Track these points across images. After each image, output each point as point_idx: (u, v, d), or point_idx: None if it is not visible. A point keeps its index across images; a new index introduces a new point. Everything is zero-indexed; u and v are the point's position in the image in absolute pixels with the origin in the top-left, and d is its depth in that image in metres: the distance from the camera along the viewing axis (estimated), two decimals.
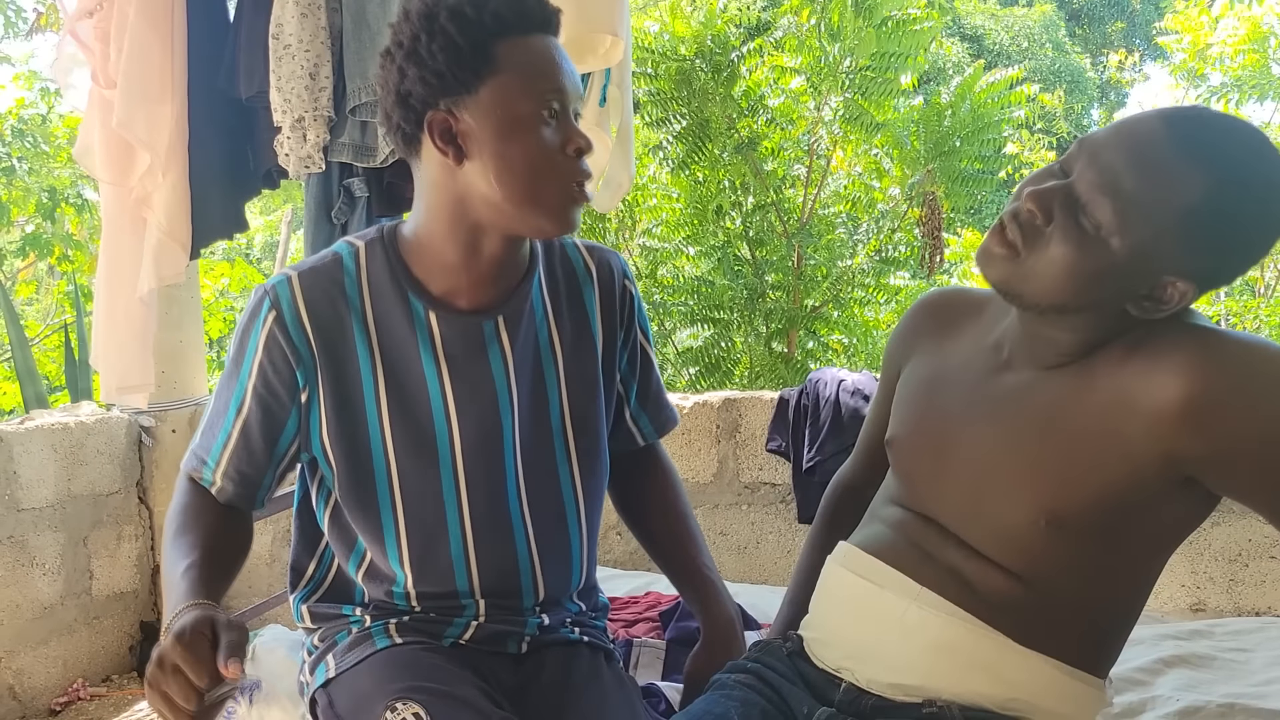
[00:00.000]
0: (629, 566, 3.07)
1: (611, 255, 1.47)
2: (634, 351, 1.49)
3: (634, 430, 1.54)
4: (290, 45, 2.53)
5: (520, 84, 1.20)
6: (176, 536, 1.28)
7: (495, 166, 1.20)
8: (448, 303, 1.30)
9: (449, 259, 1.29)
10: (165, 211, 2.70)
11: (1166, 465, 1.11)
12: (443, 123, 1.21)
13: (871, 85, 5.00)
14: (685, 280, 5.49)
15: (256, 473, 1.33)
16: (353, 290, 1.30)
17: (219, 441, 1.32)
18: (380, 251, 1.32)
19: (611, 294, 1.44)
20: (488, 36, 1.19)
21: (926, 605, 1.21)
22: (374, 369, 1.29)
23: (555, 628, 1.42)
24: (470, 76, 1.19)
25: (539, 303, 1.37)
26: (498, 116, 1.20)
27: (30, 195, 6.34)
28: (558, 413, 1.37)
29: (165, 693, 1.01)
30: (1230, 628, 2.02)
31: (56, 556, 2.94)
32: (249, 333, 1.29)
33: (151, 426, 3.24)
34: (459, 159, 1.22)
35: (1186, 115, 1.10)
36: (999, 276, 1.16)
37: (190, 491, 1.35)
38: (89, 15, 2.65)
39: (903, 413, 1.36)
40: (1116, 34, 18.25)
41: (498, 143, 1.20)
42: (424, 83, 1.20)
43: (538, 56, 1.22)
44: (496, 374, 1.32)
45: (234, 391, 1.30)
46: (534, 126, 1.21)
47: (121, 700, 2.97)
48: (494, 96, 1.20)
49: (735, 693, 1.31)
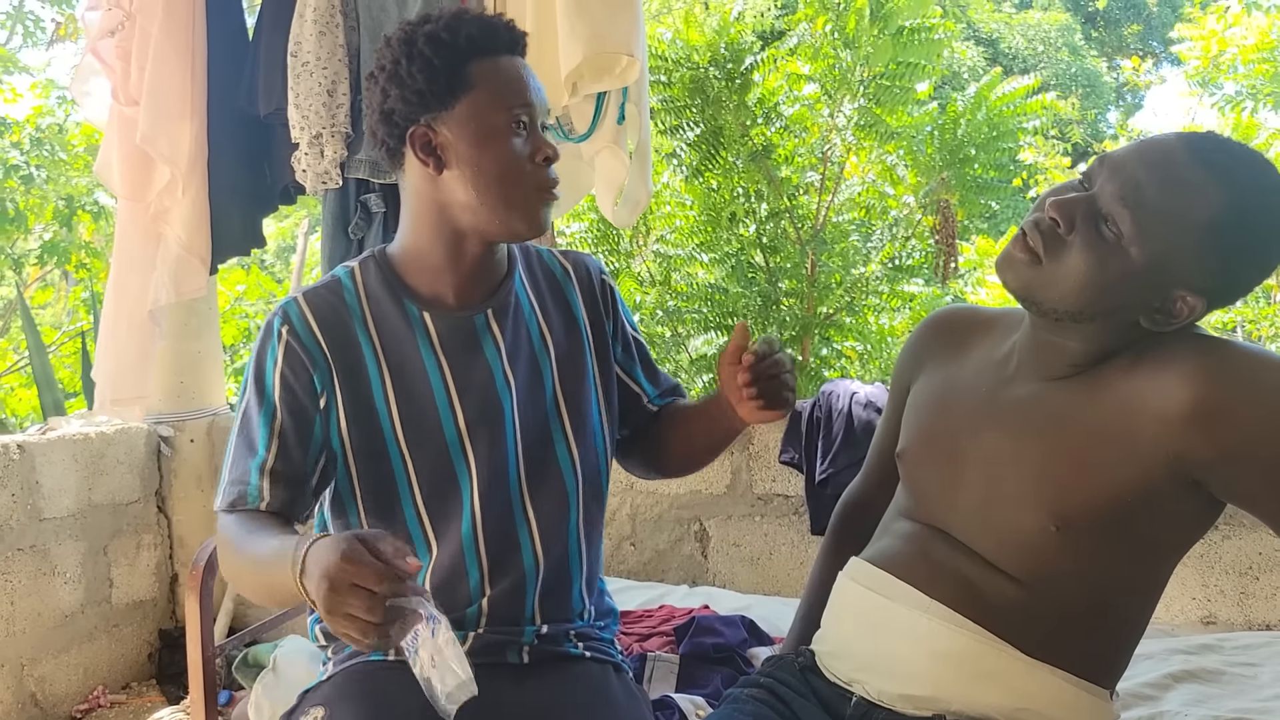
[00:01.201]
0: (642, 577, 3.09)
1: (586, 256, 1.60)
2: (625, 340, 1.58)
3: (645, 404, 1.61)
4: (308, 62, 2.56)
5: (492, 99, 1.33)
6: (247, 537, 1.28)
7: (471, 173, 1.33)
8: (439, 302, 1.42)
9: (435, 262, 1.40)
10: (185, 227, 2.74)
11: (1173, 469, 1.13)
12: (423, 136, 1.34)
13: (886, 93, 5.00)
14: (699, 287, 5.50)
15: (299, 477, 1.36)
16: (353, 301, 1.41)
17: (257, 458, 1.35)
18: (374, 267, 1.44)
19: (591, 289, 1.55)
20: (461, 58, 1.32)
21: (936, 617, 1.23)
22: (380, 368, 1.39)
23: (558, 639, 1.44)
24: (447, 94, 1.32)
25: (524, 299, 1.48)
26: (473, 129, 1.33)
27: (47, 203, 6.41)
28: (551, 395, 1.45)
29: (348, 613, 1.00)
30: (1239, 642, 2.03)
31: (77, 565, 2.97)
32: (265, 352, 1.38)
33: (170, 436, 3.27)
34: (439, 169, 1.34)
35: (1206, 138, 1.15)
36: (1020, 283, 1.19)
37: (238, 515, 1.34)
38: (110, 34, 2.69)
39: (913, 427, 1.38)
40: (1133, 37, 18.18)
41: (473, 151, 1.33)
42: (405, 100, 1.33)
43: (507, 74, 1.35)
44: (492, 361, 1.42)
45: (262, 410, 1.36)
46: (505, 136, 1.33)
47: (141, 707, 3.00)
48: (469, 111, 1.33)
49: (747, 707, 1.33)
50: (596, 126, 2.56)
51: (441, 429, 1.39)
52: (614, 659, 1.50)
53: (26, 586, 2.81)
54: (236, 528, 1.32)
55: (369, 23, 2.58)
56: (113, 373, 2.88)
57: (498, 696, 1.33)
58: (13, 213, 6.19)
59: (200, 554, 1.78)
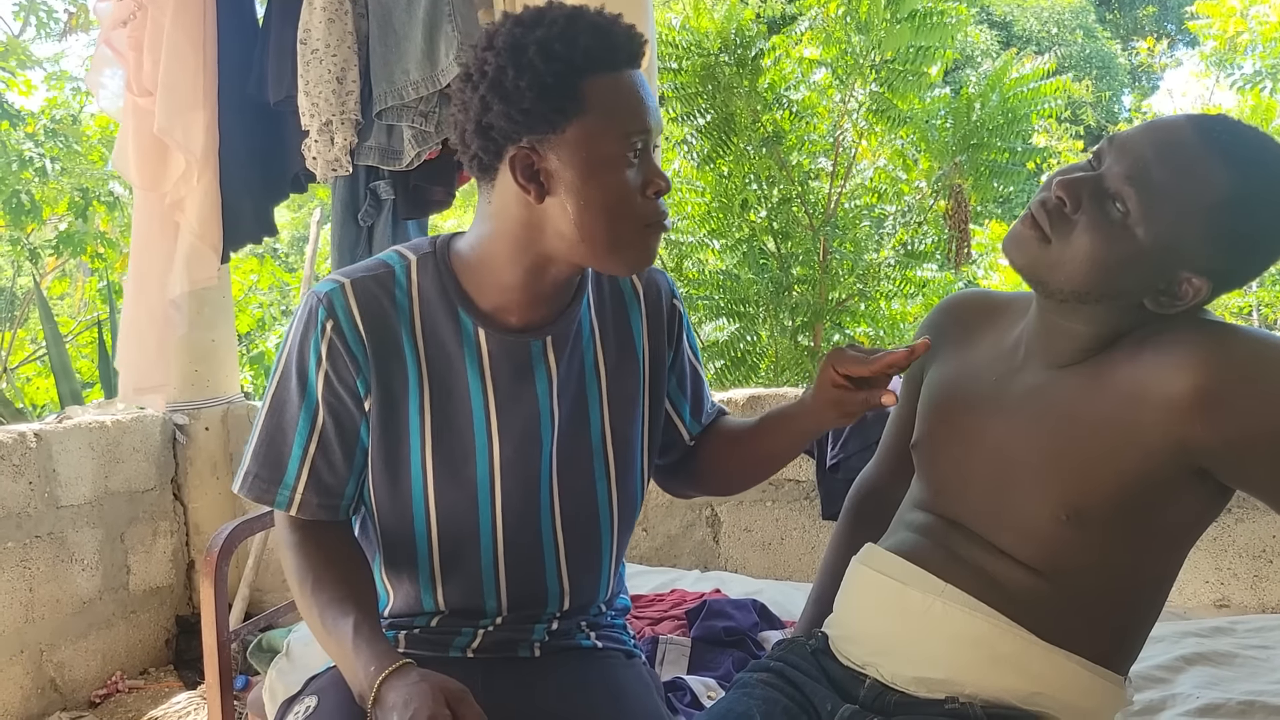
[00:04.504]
0: (654, 563, 3.10)
1: (660, 275, 1.45)
2: (682, 372, 1.48)
3: (684, 440, 1.51)
4: (318, 50, 2.57)
5: (607, 124, 1.17)
6: (317, 587, 1.26)
7: (576, 206, 1.18)
8: (497, 319, 1.29)
9: (507, 280, 1.27)
10: (198, 216, 2.76)
11: (1180, 456, 1.13)
12: (525, 159, 1.19)
13: (898, 78, 4.98)
14: (710, 274, 5.50)
15: (338, 483, 1.30)
16: (403, 299, 1.28)
17: (293, 458, 1.28)
18: (432, 265, 1.30)
19: (659, 314, 1.42)
20: (576, 74, 1.16)
21: (951, 601, 1.23)
22: (420, 382, 1.28)
23: (569, 632, 1.42)
24: (557, 115, 1.16)
25: (586, 323, 1.36)
26: (583, 157, 1.17)
27: (62, 194, 6.44)
28: (598, 433, 1.35)
29: None
30: (1252, 625, 2.02)
31: (95, 552, 3.00)
32: (308, 343, 1.26)
33: (185, 424, 3.30)
34: (540, 197, 1.19)
35: (1216, 120, 1.14)
36: (1026, 262, 1.19)
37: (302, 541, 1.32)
38: (123, 24, 2.70)
39: (927, 418, 1.38)
40: (1147, 19, 18.05)
41: (581, 183, 1.17)
42: (508, 117, 1.17)
43: (625, 94, 1.19)
44: (541, 394, 1.31)
45: (303, 405, 1.27)
46: (618, 167, 1.18)
47: (159, 693, 3.03)
48: (580, 136, 1.17)
49: (758, 691, 1.33)
50: None
51: (474, 460, 1.29)
52: (626, 645, 1.47)
53: (45, 573, 2.84)
54: (301, 559, 1.28)
55: (378, 9, 2.58)
56: (135, 362, 2.90)
57: (507, 693, 1.31)
58: (28, 204, 6.22)
59: (215, 540, 1.79)
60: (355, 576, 1.28)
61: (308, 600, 1.25)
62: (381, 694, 1.10)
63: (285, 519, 1.32)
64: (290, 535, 1.31)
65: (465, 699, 1.08)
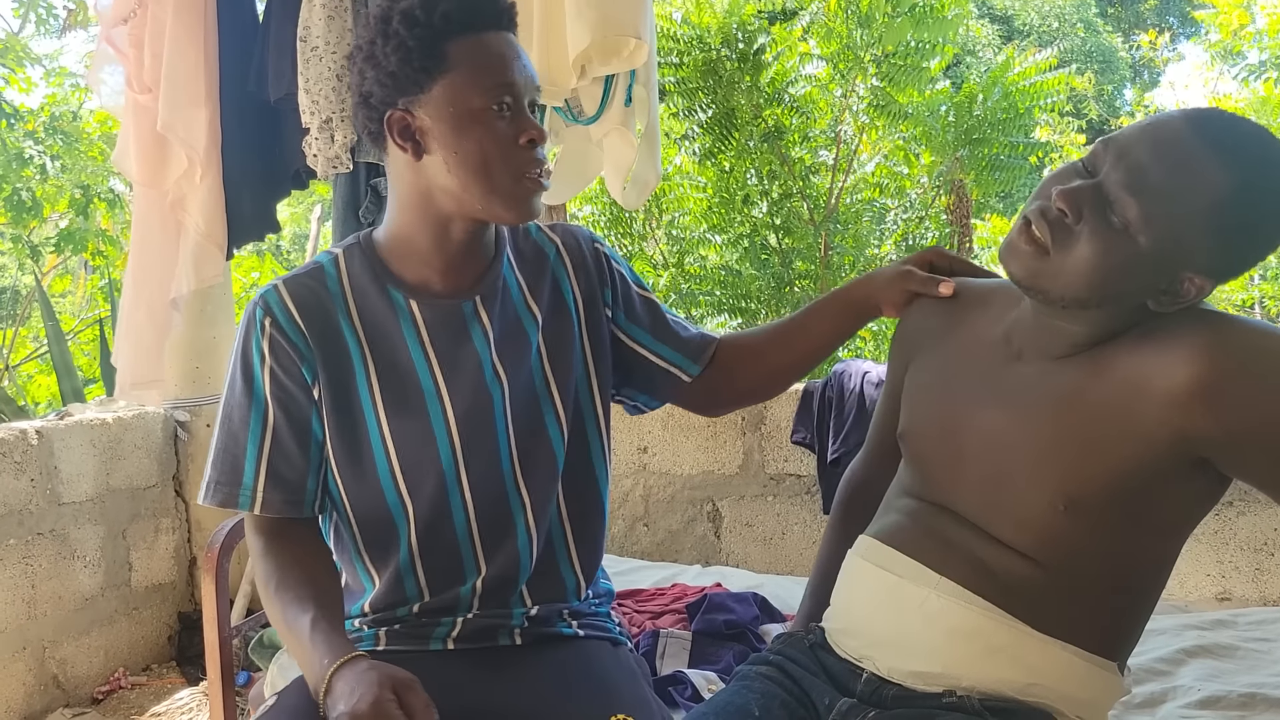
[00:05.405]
0: (656, 558, 3.10)
1: (575, 227, 1.52)
2: (628, 302, 1.51)
3: (669, 369, 1.53)
4: (318, 47, 2.57)
5: (471, 80, 1.26)
6: (281, 588, 1.29)
7: (451, 160, 1.27)
8: (426, 290, 1.36)
9: (421, 247, 1.35)
10: (203, 214, 2.77)
11: (1179, 446, 1.13)
12: (400, 121, 1.28)
13: (899, 72, 4.98)
14: (712, 269, 5.50)
15: (298, 477, 1.34)
16: (335, 289, 1.36)
17: (249, 458, 1.33)
18: (358, 254, 1.38)
19: (583, 261, 1.48)
20: (437, 37, 1.25)
21: (946, 593, 1.23)
22: (365, 361, 1.34)
23: (550, 619, 1.43)
24: (423, 76, 1.26)
25: (512, 281, 1.43)
26: (450, 113, 1.26)
27: (63, 191, 6.44)
28: (540, 379, 1.41)
29: None
30: (1253, 617, 2.02)
31: (96, 549, 3.01)
32: (250, 344, 1.33)
33: (187, 421, 3.30)
34: (418, 154, 1.29)
35: (1210, 116, 1.13)
36: (1025, 274, 1.18)
37: (267, 542, 1.36)
38: (123, 21, 2.70)
39: (915, 406, 1.37)
40: (1149, 12, 18.01)
41: (451, 137, 1.27)
42: (380, 83, 1.28)
43: (488, 53, 1.28)
44: (480, 350, 1.37)
45: (250, 405, 1.33)
46: (486, 120, 1.27)
47: (161, 689, 3.04)
48: (446, 94, 1.26)
49: (756, 684, 1.33)
50: (605, 109, 2.56)
51: (430, 423, 1.35)
52: (611, 634, 1.48)
53: (47, 570, 2.84)
54: (267, 562, 1.32)
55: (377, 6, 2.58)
56: (132, 358, 2.91)
57: (488, 682, 1.33)
58: (29, 202, 6.22)
59: (216, 537, 1.80)
60: (319, 576, 1.33)
61: (271, 601, 1.30)
62: (331, 684, 1.14)
63: (253, 523, 1.37)
64: (257, 541, 1.36)
65: (413, 687, 1.12)
